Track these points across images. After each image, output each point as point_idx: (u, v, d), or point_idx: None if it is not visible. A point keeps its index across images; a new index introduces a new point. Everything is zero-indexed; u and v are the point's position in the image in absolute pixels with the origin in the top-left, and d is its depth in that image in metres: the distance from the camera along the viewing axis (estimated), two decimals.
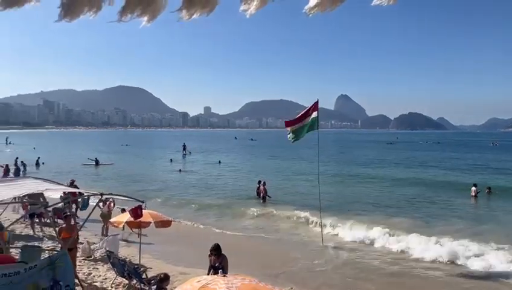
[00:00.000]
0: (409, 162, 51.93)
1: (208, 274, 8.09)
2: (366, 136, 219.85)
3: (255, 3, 1.61)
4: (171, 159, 52.80)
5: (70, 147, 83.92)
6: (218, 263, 8.28)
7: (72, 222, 13.76)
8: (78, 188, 13.55)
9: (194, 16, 1.66)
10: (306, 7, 1.65)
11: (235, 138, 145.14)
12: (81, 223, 12.34)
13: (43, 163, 42.79)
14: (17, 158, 36.35)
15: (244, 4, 1.62)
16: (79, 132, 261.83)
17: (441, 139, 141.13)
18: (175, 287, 9.45)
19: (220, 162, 50.37)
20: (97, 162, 45.31)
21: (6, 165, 30.40)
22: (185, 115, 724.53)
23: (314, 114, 15.36)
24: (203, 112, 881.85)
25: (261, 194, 24.37)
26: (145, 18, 1.65)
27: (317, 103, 15.70)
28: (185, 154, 60.94)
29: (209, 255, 8.65)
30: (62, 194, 11.52)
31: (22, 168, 33.51)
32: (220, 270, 5.82)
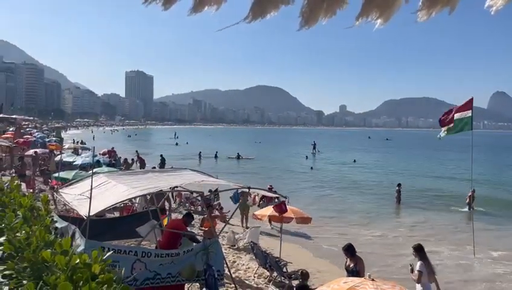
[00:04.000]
0: None
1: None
2: None
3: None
4: (306, 156, 53.75)
5: (217, 142, 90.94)
6: (352, 264, 7.88)
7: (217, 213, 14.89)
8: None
9: (432, 15, 1.59)
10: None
11: (369, 137, 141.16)
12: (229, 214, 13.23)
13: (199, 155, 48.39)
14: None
15: (491, 0, 1.50)
16: (222, 129, 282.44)
17: None
18: (313, 284, 9.55)
19: (355, 161, 49.34)
20: (238, 157, 48.77)
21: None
22: (319, 113, 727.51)
23: (468, 113, 13.91)
24: (338, 111, 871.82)
25: (397, 195, 23.64)
26: (380, 20, 1.65)
27: (471, 100, 14.18)
28: (314, 153, 60.93)
29: (345, 256, 8.31)
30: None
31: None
32: (368, 274, 5.60)
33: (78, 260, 1.98)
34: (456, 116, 14.14)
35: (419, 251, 8.10)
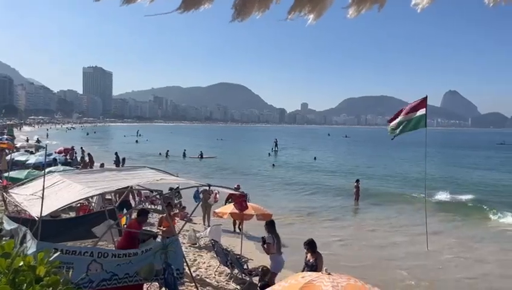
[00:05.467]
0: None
1: (303, 271, 7.98)
2: (476, 135, 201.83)
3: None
4: (269, 153, 54.38)
5: (179, 140, 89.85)
6: (312, 259, 8.05)
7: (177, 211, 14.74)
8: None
9: (362, 12, 1.62)
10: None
11: (328, 134, 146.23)
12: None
13: (160, 153, 49.06)
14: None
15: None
16: (184, 126, 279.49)
17: None
18: (274, 280, 9.64)
19: (315, 158, 50.28)
20: (201, 156, 48.65)
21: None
22: (282, 111, 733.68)
23: (422, 111, 14.45)
24: (300, 109, 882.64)
25: (355, 191, 24.27)
26: (312, 16, 1.66)
27: (425, 99, 14.73)
28: (276, 150, 61.25)
29: (306, 251, 8.45)
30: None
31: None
32: (325, 268, 5.70)
33: (21, 263, 1.90)
34: (411, 114, 14.66)
35: (270, 226, 9.20)
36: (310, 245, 8.09)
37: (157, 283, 8.06)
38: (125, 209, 12.48)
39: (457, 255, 13.84)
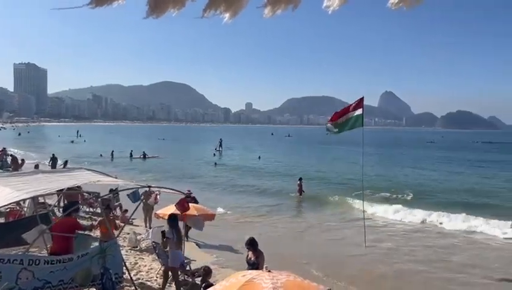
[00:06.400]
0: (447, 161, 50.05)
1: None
2: (409, 134, 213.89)
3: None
4: (214, 153, 54.25)
5: (120, 140, 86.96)
6: (253, 257, 8.11)
7: (119, 213, 14.29)
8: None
9: (278, 12, 1.65)
10: (391, 1, 1.61)
11: (272, 134, 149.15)
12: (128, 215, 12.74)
13: (101, 155, 47.64)
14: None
15: (328, 1, 1.60)
16: (125, 126, 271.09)
17: (492, 139, 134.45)
18: (217, 280, 9.63)
19: (259, 157, 50.78)
20: (144, 156, 47.52)
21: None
22: (226, 111, 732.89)
23: (359, 111, 15.05)
24: (244, 108, 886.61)
25: (298, 189, 25.15)
26: (227, 14, 1.67)
27: (362, 99, 15.36)
28: (221, 150, 60.97)
29: (247, 250, 8.46)
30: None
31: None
32: (265, 266, 5.79)
33: None
34: (349, 114, 15.24)
35: (172, 221, 9.35)
36: (251, 244, 8.17)
37: (94, 289, 7.78)
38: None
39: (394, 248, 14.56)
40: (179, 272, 10.19)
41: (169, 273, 9.44)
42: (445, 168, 41.93)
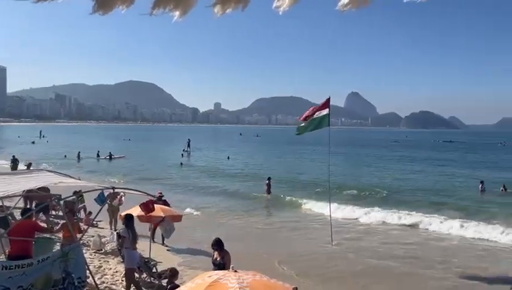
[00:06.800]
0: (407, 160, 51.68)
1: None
2: (375, 134, 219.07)
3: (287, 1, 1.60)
4: (182, 154, 53.68)
5: (84, 140, 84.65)
6: (219, 258, 8.11)
7: (83, 216, 13.91)
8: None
9: (228, 11, 1.64)
10: (340, 4, 1.64)
11: (240, 134, 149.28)
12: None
13: (65, 156, 46.53)
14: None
15: (278, 1, 1.61)
16: (90, 126, 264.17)
17: (452, 138, 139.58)
18: (184, 281, 9.54)
19: (228, 157, 50.68)
20: (111, 156, 46.68)
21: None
22: (195, 110, 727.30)
23: (326, 111, 15.28)
24: (213, 108, 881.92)
25: (267, 189, 25.33)
26: (177, 13, 1.65)
27: (329, 99, 15.60)
28: (189, 151, 59.78)
29: (213, 250, 8.43)
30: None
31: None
32: (232, 266, 5.79)
33: None
34: (316, 114, 15.46)
35: (127, 220, 9.42)
36: (217, 244, 8.16)
37: None
38: (41, 214, 11.47)
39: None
40: (141, 273, 10.04)
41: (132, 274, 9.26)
42: (408, 167, 43.13)
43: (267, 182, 25.59)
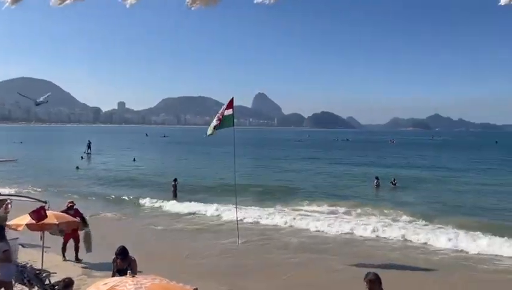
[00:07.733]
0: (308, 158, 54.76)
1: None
2: (280, 134, 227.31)
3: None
4: (82, 157, 50.52)
5: None
6: (126, 265, 7.52)
7: None
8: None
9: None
10: (187, 0, 1.69)
11: (146, 134, 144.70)
12: None
13: None
14: None
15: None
16: None
17: (349, 137, 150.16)
18: None
19: (134, 159, 48.89)
20: None
21: None
22: (97, 110, 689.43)
23: (230, 111, 15.47)
24: (117, 108, 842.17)
25: (173, 190, 25.14)
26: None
27: (232, 100, 15.81)
28: (90, 153, 56.21)
29: (114, 260, 7.83)
30: None
31: None
32: (128, 271, 5.62)
33: None
34: (223, 114, 15.57)
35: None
36: (122, 253, 7.68)
37: None
38: None
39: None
40: (32, 287, 9.29)
41: None
42: (308, 167, 45.08)
43: (173, 183, 25.26)
